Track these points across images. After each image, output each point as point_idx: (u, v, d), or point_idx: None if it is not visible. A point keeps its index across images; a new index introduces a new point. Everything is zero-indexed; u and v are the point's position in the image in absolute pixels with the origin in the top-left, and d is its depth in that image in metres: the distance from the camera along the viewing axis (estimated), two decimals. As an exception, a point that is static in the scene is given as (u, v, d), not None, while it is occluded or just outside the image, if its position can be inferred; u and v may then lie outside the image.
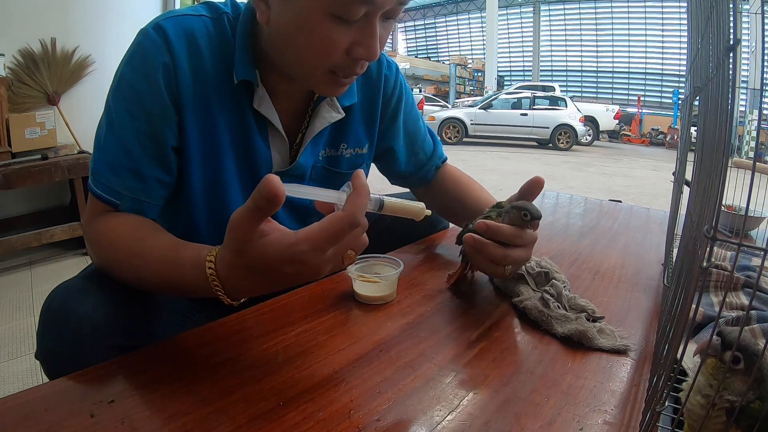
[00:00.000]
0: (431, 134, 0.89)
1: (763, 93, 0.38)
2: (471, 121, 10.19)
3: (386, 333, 0.54)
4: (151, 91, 0.56)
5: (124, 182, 0.57)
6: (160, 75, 0.55)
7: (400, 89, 0.79)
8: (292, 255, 0.40)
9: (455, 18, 25.89)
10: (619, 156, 9.45)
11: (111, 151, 0.57)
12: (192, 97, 0.58)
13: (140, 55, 0.56)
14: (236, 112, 0.62)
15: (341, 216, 0.40)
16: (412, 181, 0.89)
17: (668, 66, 18.65)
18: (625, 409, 0.43)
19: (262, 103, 0.62)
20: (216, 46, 0.59)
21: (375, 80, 0.74)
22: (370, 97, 0.75)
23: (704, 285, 0.64)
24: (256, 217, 0.39)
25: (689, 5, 0.60)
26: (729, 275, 0.66)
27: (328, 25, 0.51)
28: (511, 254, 0.59)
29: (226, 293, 0.45)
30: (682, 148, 0.70)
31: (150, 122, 0.56)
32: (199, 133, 0.60)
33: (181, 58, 0.56)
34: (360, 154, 0.76)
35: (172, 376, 0.44)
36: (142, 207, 0.59)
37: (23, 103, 2.54)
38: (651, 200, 4.65)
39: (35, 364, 1.47)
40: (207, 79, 0.59)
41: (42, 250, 2.47)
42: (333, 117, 0.68)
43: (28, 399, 0.41)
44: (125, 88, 0.56)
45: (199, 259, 0.45)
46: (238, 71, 0.59)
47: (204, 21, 0.59)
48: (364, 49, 0.53)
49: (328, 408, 0.41)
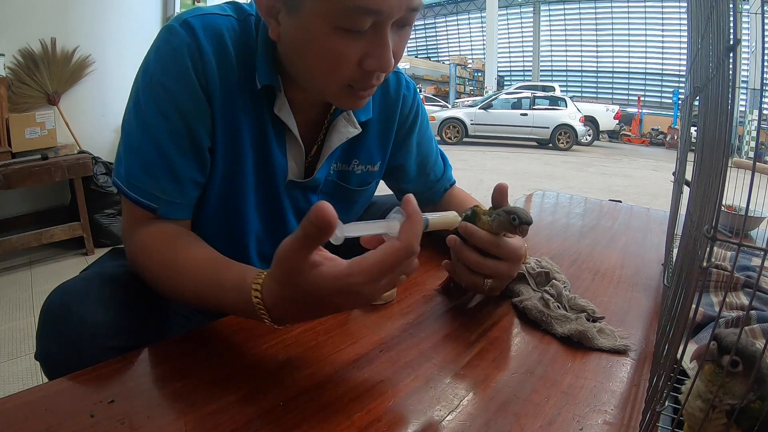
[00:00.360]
0: (443, 157, 0.88)
1: (763, 93, 0.38)
2: (471, 121, 10.19)
3: (386, 333, 0.54)
4: (185, 89, 0.55)
5: (161, 185, 0.55)
6: (191, 72, 0.54)
7: (417, 110, 0.78)
8: (346, 287, 0.39)
9: (455, 18, 25.89)
10: (619, 156, 9.45)
11: (145, 154, 0.55)
12: (220, 97, 0.57)
13: (170, 52, 0.54)
14: (257, 116, 0.61)
15: (399, 247, 0.39)
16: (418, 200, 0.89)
17: (668, 66, 18.65)
18: (625, 409, 0.43)
19: (282, 108, 0.60)
20: (241, 48, 0.58)
21: (393, 99, 0.73)
22: (386, 116, 0.73)
23: (704, 285, 0.64)
24: (307, 247, 0.37)
25: (689, 5, 0.60)
26: (729, 275, 0.66)
27: (335, 39, 0.49)
28: (488, 264, 0.58)
29: (273, 321, 0.43)
30: (682, 148, 0.70)
31: (185, 121, 0.55)
32: (224, 135, 0.59)
33: (209, 57, 0.55)
34: (371, 171, 0.74)
35: (172, 376, 0.44)
36: (178, 209, 0.58)
37: (23, 103, 2.54)
38: (651, 200, 4.65)
39: (35, 364, 1.47)
40: (232, 80, 0.58)
41: (42, 250, 2.47)
42: (350, 132, 0.67)
43: (28, 399, 0.41)
44: (156, 87, 0.54)
45: (244, 285, 0.44)
46: (260, 75, 0.58)
47: (231, 21, 0.58)
48: (375, 60, 0.51)
49: (328, 408, 0.41)
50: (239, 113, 0.59)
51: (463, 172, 6.04)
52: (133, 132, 0.56)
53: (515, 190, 4.73)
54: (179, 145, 0.56)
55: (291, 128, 0.62)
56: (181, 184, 0.57)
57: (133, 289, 0.56)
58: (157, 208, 0.56)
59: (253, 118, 0.60)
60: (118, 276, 0.58)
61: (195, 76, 0.55)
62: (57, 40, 2.63)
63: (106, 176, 2.60)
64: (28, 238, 2.26)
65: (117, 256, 0.69)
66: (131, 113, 0.56)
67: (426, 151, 0.82)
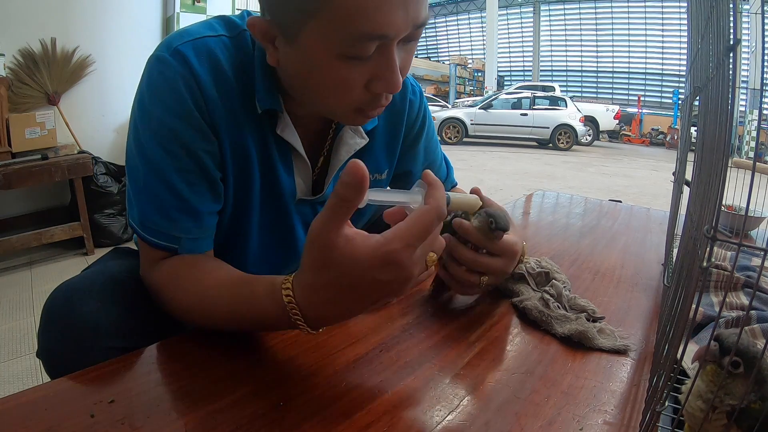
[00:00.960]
0: (446, 160, 0.87)
1: (763, 93, 0.38)
2: (471, 121, 10.20)
3: (386, 333, 0.54)
4: (187, 123, 0.52)
5: (180, 225, 0.53)
6: (191, 104, 0.51)
7: (424, 114, 0.76)
8: (384, 255, 0.37)
9: (455, 18, 25.88)
10: (619, 156, 9.45)
11: (157, 195, 0.52)
12: (225, 123, 0.54)
13: (164, 85, 0.51)
14: (261, 138, 0.58)
15: (427, 209, 0.39)
16: None
17: (668, 66, 18.65)
18: (625, 409, 0.43)
19: (286, 129, 0.58)
20: (239, 68, 0.55)
21: (399, 106, 0.71)
22: (393, 123, 0.71)
23: (704, 285, 0.64)
24: (342, 215, 0.36)
25: (689, 5, 0.60)
26: (729, 275, 0.66)
27: (339, 66, 0.47)
28: (483, 261, 0.57)
29: (307, 322, 0.41)
30: (682, 148, 0.70)
31: (192, 156, 0.53)
32: (233, 162, 0.57)
33: (206, 84, 0.52)
34: (378, 180, 0.72)
35: (172, 376, 0.44)
36: (200, 244, 0.56)
37: (23, 103, 2.54)
38: (651, 200, 4.65)
39: (35, 364, 1.48)
40: (235, 103, 0.55)
41: (42, 250, 2.47)
42: (357, 144, 0.65)
43: (28, 399, 0.41)
44: (156, 125, 0.52)
45: (274, 289, 0.42)
46: (260, 100, 0.55)
47: (223, 41, 0.55)
48: (384, 83, 0.49)
49: (328, 408, 0.41)
50: (246, 136, 0.57)
51: (463, 172, 6.04)
52: (140, 173, 0.53)
53: (515, 190, 4.71)
54: (191, 181, 0.53)
55: (296, 147, 0.60)
56: (200, 220, 0.55)
57: (135, 288, 0.56)
58: (178, 248, 0.54)
59: (257, 140, 0.58)
60: (120, 275, 0.58)
61: (195, 108, 0.52)
62: (57, 40, 2.63)
63: (106, 176, 2.60)
64: (28, 238, 2.26)
65: (119, 255, 0.69)
66: (134, 153, 0.53)
67: (432, 156, 0.81)
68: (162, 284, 0.54)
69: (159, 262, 0.55)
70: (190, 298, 0.51)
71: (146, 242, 0.54)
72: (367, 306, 0.41)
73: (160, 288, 0.54)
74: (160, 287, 0.54)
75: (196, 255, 0.56)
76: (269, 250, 0.67)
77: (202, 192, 0.55)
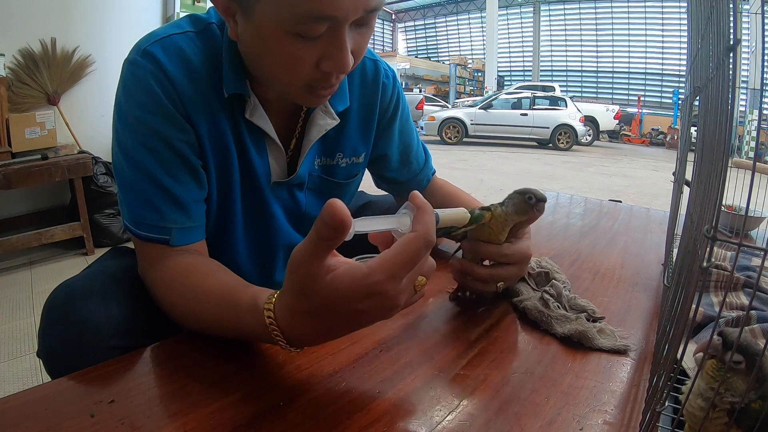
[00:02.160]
0: (424, 149, 0.87)
1: (763, 93, 0.38)
2: (471, 121, 10.19)
3: (386, 333, 0.54)
4: (162, 118, 0.54)
5: (168, 216, 0.55)
6: (164, 99, 0.54)
7: (398, 98, 0.76)
8: (366, 287, 0.35)
9: (455, 18, 25.88)
10: (619, 156, 9.45)
11: (143, 191, 0.55)
12: (200, 113, 0.57)
13: (137, 85, 0.54)
14: (234, 124, 0.60)
15: (414, 236, 0.37)
16: (402, 189, 0.87)
17: (668, 66, 18.64)
18: (625, 409, 0.43)
19: (255, 113, 0.60)
20: (209, 59, 0.57)
21: (372, 87, 0.72)
22: (366, 105, 0.72)
23: (704, 285, 0.64)
24: (321, 250, 0.35)
25: (689, 5, 0.60)
26: (729, 275, 0.66)
27: (290, 43, 0.48)
28: (500, 272, 0.59)
29: (288, 342, 0.41)
30: (682, 148, 0.70)
31: (171, 149, 0.55)
32: (212, 149, 0.59)
33: (177, 78, 0.54)
34: (356, 163, 0.74)
35: (172, 376, 0.44)
36: (190, 234, 0.57)
37: (23, 103, 2.54)
38: (651, 200, 4.65)
39: (35, 364, 1.48)
40: (208, 93, 0.57)
41: (42, 250, 2.47)
42: (328, 124, 0.66)
43: (28, 399, 0.41)
44: (134, 123, 0.54)
45: (257, 308, 0.41)
46: (227, 84, 0.57)
47: (190, 36, 0.57)
48: (333, 63, 0.50)
49: (328, 408, 0.41)
50: (220, 123, 0.59)
51: (463, 172, 6.04)
52: (125, 173, 0.55)
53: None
54: (173, 173, 0.55)
55: (267, 131, 0.61)
56: (187, 209, 0.57)
57: (135, 288, 0.56)
58: (170, 239, 0.55)
59: (231, 126, 0.60)
60: (121, 275, 0.58)
61: (168, 102, 0.54)
62: (57, 40, 2.63)
63: (106, 176, 2.60)
64: (28, 238, 2.26)
65: (118, 255, 0.69)
66: (118, 155, 0.56)
67: (408, 139, 0.82)
68: (156, 288, 0.54)
69: (155, 263, 0.55)
70: (182, 305, 0.51)
71: (139, 238, 0.56)
72: (350, 331, 0.41)
73: (156, 291, 0.54)
74: (156, 290, 0.54)
75: (192, 258, 0.56)
76: (255, 237, 0.68)
77: (186, 182, 0.57)
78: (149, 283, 0.56)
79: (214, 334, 0.50)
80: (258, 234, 0.69)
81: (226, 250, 0.66)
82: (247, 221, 0.67)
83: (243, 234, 0.67)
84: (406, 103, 0.81)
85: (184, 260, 0.55)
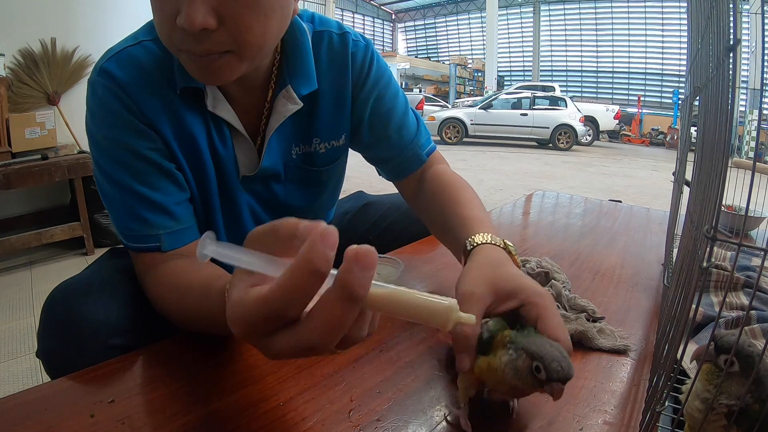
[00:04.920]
0: (416, 116, 0.76)
1: (763, 93, 0.38)
2: (471, 121, 10.19)
3: (386, 333, 0.54)
4: (126, 131, 0.55)
5: (154, 222, 0.55)
6: (124, 112, 0.54)
7: (371, 64, 0.69)
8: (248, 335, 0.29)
9: (455, 18, 25.89)
10: (619, 156, 9.45)
11: (125, 204, 0.55)
12: (164, 117, 0.57)
13: (98, 104, 0.55)
14: (200, 119, 0.59)
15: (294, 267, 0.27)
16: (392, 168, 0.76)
17: (668, 66, 18.65)
18: (625, 409, 0.43)
19: (217, 105, 0.59)
20: (164, 63, 0.57)
21: (341, 62, 0.67)
22: (337, 81, 0.67)
23: (704, 285, 0.64)
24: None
25: (689, 5, 0.60)
26: (729, 275, 0.66)
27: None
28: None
29: None
30: (682, 148, 0.70)
31: (142, 159, 0.55)
32: (180, 147, 0.59)
33: (134, 88, 0.55)
34: (336, 146, 0.70)
35: (172, 376, 0.44)
36: (182, 236, 0.57)
37: (23, 103, 2.54)
38: (651, 200, 4.65)
39: (35, 364, 1.48)
40: (166, 94, 0.57)
41: (42, 250, 2.47)
42: (289, 109, 0.62)
43: (28, 399, 0.41)
44: (103, 141, 0.56)
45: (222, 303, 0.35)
46: (178, 79, 0.56)
47: (144, 45, 0.57)
48: (181, 18, 0.45)
49: (328, 408, 0.41)
50: (186, 122, 0.58)
51: (463, 172, 5.98)
52: (105, 189, 0.57)
53: (515, 190, 4.71)
54: (148, 181, 0.56)
55: (230, 122, 0.60)
56: (171, 213, 0.57)
57: (135, 288, 0.56)
58: (160, 245, 0.55)
59: (197, 122, 0.59)
60: (120, 275, 0.58)
61: (128, 113, 0.54)
62: (57, 40, 2.63)
63: (106, 176, 2.59)
64: (28, 238, 2.26)
65: (118, 255, 0.69)
66: (97, 173, 0.58)
67: (390, 105, 0.72)
68: (151, 293, 0.54)
69: (150, 270, 0.55)
70: (173, 305, 0.51)
71: (132, 249, 0.56)
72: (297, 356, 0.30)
73: (151, 297, 0.54)
74: (151, 296, 0.54)
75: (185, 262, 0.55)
76: (236, 231, 0.68)
77: (163, 187, 0.57)
78: (145, 288, 0.56)
79: (201, 329, 0.49)
80: (238, 228, 0.68)
81: None
82: (226, 216, 0.67)
83: (224, 229, 0.67)
84: (387, 69, 0.72)
85: (175, 264, 0.55)
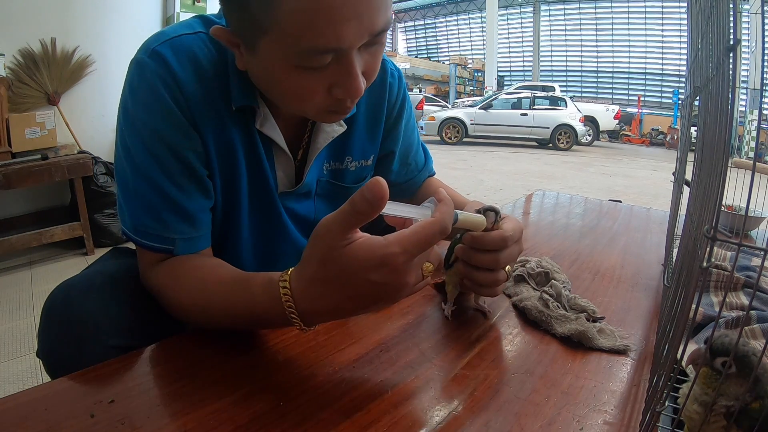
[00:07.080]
0: (423, 148, 0.86)
1: (763, 93, 0.38)
2: (471, 121, 10.20)
3: (386, 333, 0.54)
4: (168, 123, 0.52)
5: (173, 226, 0.54)
6: (171, 103, 0.52)
7: (404, 97, 0.76)
8: (381, 257, 0.38)
9: (455, 18, 25.88)
10: (619, 156, 9.45)
11: (147, 199, 0.53)
12: (207, 118, 0.55)
13: (144, 87, 0.52)
14: (246, 132, 0.59)
15: (432, 221, 0.40)
16: (396, 191, 0.84)
17: (668, 66, 18.65)
18: (625, 409, 0.43)
19: (265, 123, 0.58)
20: (219, 64, 0.55)
21: (379, 90, 0.71)
22: (374, 107, 0.71)
23: (704, 285, 0.64)
24: (352, 223, 0.37)
25: (689, 5, 0.60)
26: (729, 275, 0.66)
27: (298, 75, 0.47)
28: (503, 256, 0.54)
29: (300, 317, 0.42)
30: (682, 148, 0.70)
31: (177, 157, 0.53)
32: (218, 156, 0.57)
33: (186, 82, 0.52)
34: (365, 166, 0.73)
35: (172, 376, 0.44)
36: (196, 243, 0.56)
37: (23, 103, 2.55)
38: (651, 200, 4.65)
39: (35, 364, 1.48)
40: (216, 98, 0.55)
41: (42, 250, 2.47)
42: (335, 131, 0.65)
43: (28, 399, 0.41)
44: (140, 126, 0.52)
45: (272, 282, 0.43)
46: (235, 97, 0.55)
47: (201, 37, 0.55)
48: (344, 90, 0.48)
49: (328, 408, 0.41)
50: (229, 132, 0.57)
51: (463, 172, 6.04)
52: (128, 178, 0.54)
53: (515, 190, 4.72)
54: (178, 182, 0.54)
55: (277, 141, 0.60)
56: (192, 220, 0.55)
57: (135, 287, 0.56)
58: (173, 249, 0.54)
59: (242, 135, 0.58)
60: (120, 274, 0.58)
61: (175, 106, 0.52)
62: (57, 40, 2.63)
63: (106, 176, 2.60)
64: (28, 238, 2.26)
65: (118, 255, 0.69)
66: (122, 158, 0.54)
67: (410, 139, 0.81)
68: (161, 285, 0.54)
69: (157, 264, 0.55)
70: (189, 296, 0.51)
71: (141, 246, 0.55)
72: (361, 307, 0.42)
73: (160, 289, 0.54)
74: (160, 288, 0.54)
75: (198, 256, 0.56)
76: (262, 246, 0.68)
77: (191, 191, 0.55)
78: (152, 282, 0.55)
79: (221, 323, 0.50)
80: (265, 242, 0.68)
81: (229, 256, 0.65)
82: (254, 230, 0.66)
83: (249, 241, 0.66)
84: (410, 101, 0.80)
85: (189, 260, 0.55)
